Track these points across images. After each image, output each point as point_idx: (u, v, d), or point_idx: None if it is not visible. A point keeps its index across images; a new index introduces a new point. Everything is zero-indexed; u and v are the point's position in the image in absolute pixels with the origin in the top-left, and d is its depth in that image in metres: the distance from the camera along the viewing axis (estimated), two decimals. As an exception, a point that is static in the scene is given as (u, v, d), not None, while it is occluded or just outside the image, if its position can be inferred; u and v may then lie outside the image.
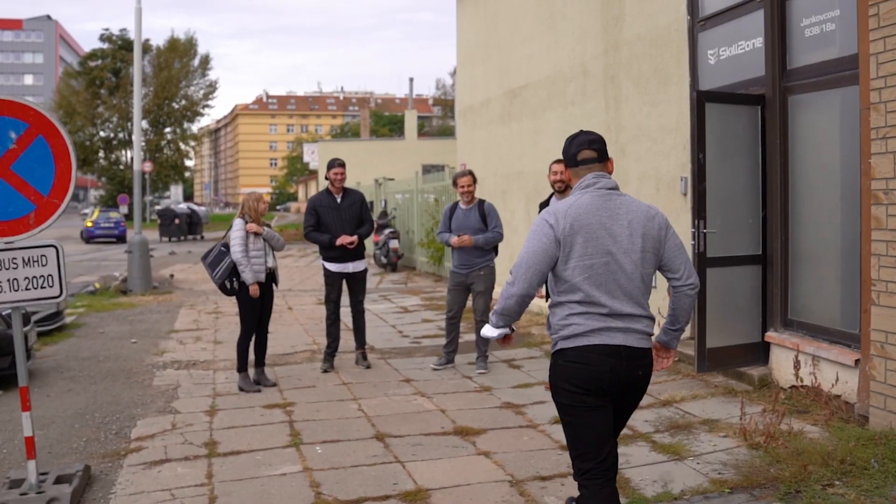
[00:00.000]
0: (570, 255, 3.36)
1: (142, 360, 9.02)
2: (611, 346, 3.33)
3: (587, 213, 3.38)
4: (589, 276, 3.35)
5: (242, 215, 7.58)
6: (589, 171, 3.53)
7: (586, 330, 3.34)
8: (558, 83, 10.97)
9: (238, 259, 7.33)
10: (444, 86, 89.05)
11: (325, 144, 43.94)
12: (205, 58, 60.96)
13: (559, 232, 3.36)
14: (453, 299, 8.08)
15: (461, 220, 7.92)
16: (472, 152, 14.71)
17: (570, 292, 3.38)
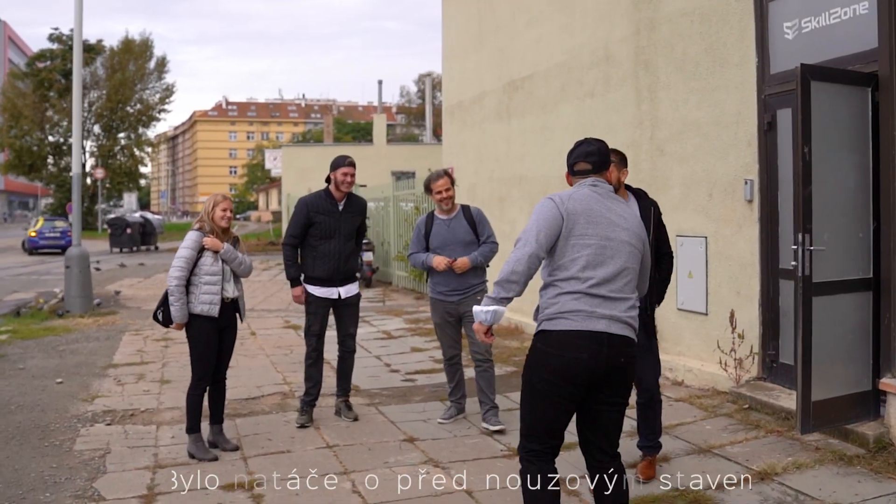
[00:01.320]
0: (572, 233, 3.46)
1: (65, 409, 7.17)
2: (593, 333, 3.37)
3: (589, 201, 3.54)
4: (586, 255, 3.44)
5: (200, 225, 5.83)
6: (586, 178, 3.70)
7: (570, 310, 3.39)
8: (574, 71, 9.35)
9: (172, 287, 5.62)
10: (409, 93, 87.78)
11: (289, 150, 42.02)
12: (161, 60, 58.53)
13: (563, 209, 3.48)
14: (448, 337, 6.38)
15: (444, 235, 6.21)
16: (462, 154, 13.04)
17: (564, 269, 3.45)
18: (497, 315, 3.52)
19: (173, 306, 5.61)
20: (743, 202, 6.63)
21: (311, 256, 6.53)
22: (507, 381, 7.70)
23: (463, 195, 12.96)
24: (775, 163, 6.32)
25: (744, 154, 6.61)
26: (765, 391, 6.23)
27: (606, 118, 8.66)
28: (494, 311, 3.50)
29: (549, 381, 3.40)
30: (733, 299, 6.76)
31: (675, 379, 7.32)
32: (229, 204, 5.92)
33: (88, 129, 56.25)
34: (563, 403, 3.44)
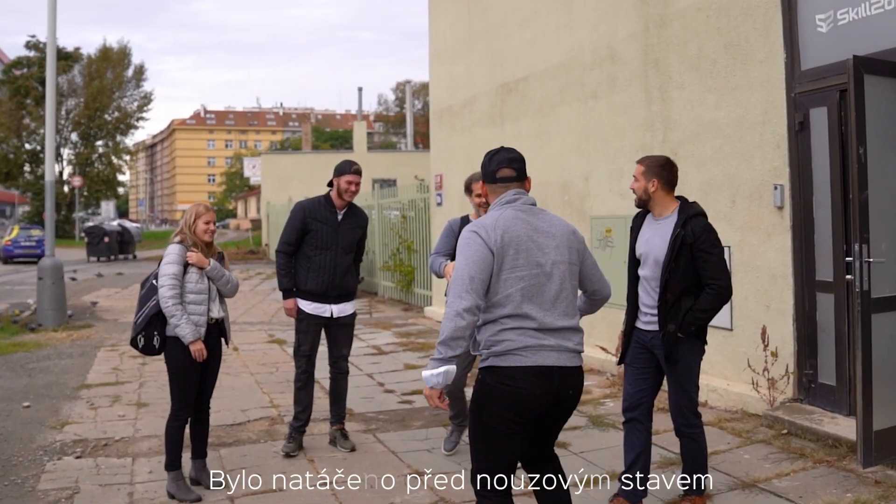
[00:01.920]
0: (502, 267, 3.31)
1: (31, 438, 6.55)
2: (543, 368, 3.28)
3: (514, 226, 3.35)
4: (521, 287, 3.32)
5: (181, 238, 5.26)
6: (507, 189, 3.53)
7: (519, 346, 3.28)
8: (574, 72, 8.86)
9: (168, 308, 5.01)
10: (387, 101, 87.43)
11: (268, 157, 41.40)
12: (139, 68, 57.88)
13: (491, 243, 3.30)
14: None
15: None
16: (451, 160, 12.52)
17: (500, 306, 3.32)
18: (448, 376, 3.27)
19: (180, 326, 4.99)
20: (772, 208, 6.15)
21: (304, 268, 5.98)
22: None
23: (453, 203, 12.45)
24: (808, 166, 5.84)
25: (772, 157, 6.14)
26: (804, 415, 5.73)
27: (612, 120, 8.17)
28: (445, 371, 3.25)
29: (501, 415, 3.30)
30: (762, 314, 6.27)
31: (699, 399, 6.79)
32: (212, 216, 5.33)
33: (66, 136, 55.44)
34: (517, 436, 3.35)
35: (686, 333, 4.40)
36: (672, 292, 4.38)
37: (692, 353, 4.45)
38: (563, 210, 9.20)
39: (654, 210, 4.63)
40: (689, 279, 4.37)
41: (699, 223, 4.39)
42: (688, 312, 4.38)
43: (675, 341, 4.40)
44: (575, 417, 6.68)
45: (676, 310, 4.39)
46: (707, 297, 4.37)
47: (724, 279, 4.38)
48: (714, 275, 4.35)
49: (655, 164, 4.60)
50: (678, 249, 4.36)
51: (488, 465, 3.37)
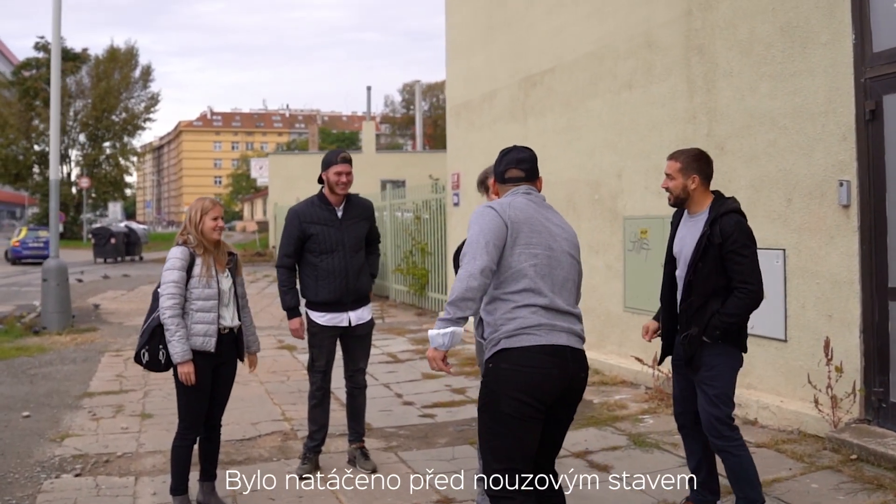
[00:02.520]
0: (517, 242, 3.29)
1: (29, 452, 6.06)
2: (557, 347, 3.22)
3: (527, 209, 3.39)
4: (534, 264, 3.28)
5: (184, 239, 4.74)
6: (517, 186, 3.53)
7: (532, 324, 3.21)
8: (606, 62, 8.33)
9: (165, 320, 4.51)
10: (393, 103, 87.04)
11: (275, 158, 40.94)
12: (146, 69, 57.39)
13: (506, 217, 3.30)
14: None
15: None
16: (469, 158, 12.00)
17: (514, 281, 3.26)
18: (455, 337, 3.21)
19: (171, 342, 4.49)
20: (836, 208, 5.61)
21: (311, 277, 5.40)
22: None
23: (471, 203, 11.92)
24: (880, 159, 5.30)
25: (836, 150, 5.60)
26: (875, 438, 5.18)
27: (649, 113, 7.64)
28: (452, 332, 3.19)
29: (519, 400, 3.18)
30: (823, 324, 5.72)
31: (746, 417, 6.26)
32: (220, 211, 4.78)
33: (74, 138, 55.15)
34: (534, 424, 3.24)
35: (711, 337, 4.07)
36: (698, 294, 4.10)
37: (722, 358, 4.12)
38: (593, 209, 8.68)
39: (689, 207, 4.29)
40: (718, 281, 4.07)
41: (729, 221, 4.05)
42: (713, 316, 4.05)
43: (699, 345, 4.09)
44: (613, 436, 6.15)
45: (702, 313, 4.07)
46: (735, 300, 4.03)
47: (756, 282, 4.04)
48: (744, 277, 4.01)
49: (692, 158, 4.23)
50: (704, 249, 4.06)
51: (508, 462, 3.22)
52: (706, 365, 4.11)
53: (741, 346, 4.18)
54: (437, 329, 3.21)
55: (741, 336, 4.17)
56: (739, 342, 4.17)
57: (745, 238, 4.04)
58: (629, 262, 8.08)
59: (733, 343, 4.13)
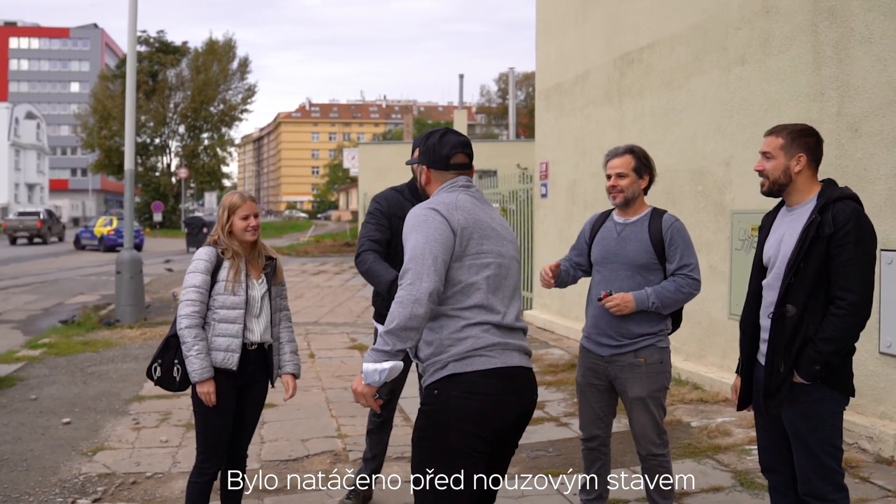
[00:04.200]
0: (466, 252, 2.87)
1: (55, 467, 5.50)
2: (512, 369, 2.86)
3: (475, 211, 2.95)
4: (487, 276, 2.89)
5: (215, 239, 3.99)
6: (458, 177, 3.07)
7: (484, 345, 2.81)
8: (714, 34, 7.26)
9: (181, 331, 3.80)
10: (489, 93, 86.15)
11: (365, 148, 40.66)
12: (243, 61, 58.32)
13: (454, 223, 2.85)
14: (588, 408, 4.09)
15: (610, 245, 3.99)
16: (559, 147, 11.03)
17: (464, 296, 2.85)
18: (393, 373, 2.74)
19: (189, 358, 3.78)
20: None
21: None
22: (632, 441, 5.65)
23: (560, 195, 10.97)
24: None
25: None
26: None
27: (764, 91, 6.55)
28: (391, 368, 2.73)
29: (473, 433, 2.79)
30: None
31: (880, 454, 5.16)
32: (252, 207, 3.99)
33: (173, 129, 56.55)
34: (484, 460, 2.85)
35: (810, 377, 3.07)
36: (795, 302, 3.12)
37: (821, 406, 3.16)
38: (696, 203, 7.62)
39: (790, 197, 3.29)
40: (823, 289, 3.11)
41: (845, 209, 3.10)
42: (807, 345, 3.05)
43: (790, 387, 3.14)
44: (715, 472, 5.14)
45: (792, 335, 3.11)
46: (833, 321, 3.06)
47: (859, 292, 3.06)
48: (846, 284, 3.05)
49: (799, 133, 3.26)
50: (810, 243, 3.10)
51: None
52: (802, 413, 3.14)
53: (847, 388, 3.19)
54: (373, 363, 2.73)
55: (846, 373, 3.16)
56: (844, 383, 3.17)
57: (863, 232, 3.06)
58: (737, 262, 7.02)
59: (837, 384, 3.13)
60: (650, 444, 3.88)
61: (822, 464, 3.12)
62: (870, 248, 3.08)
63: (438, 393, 2.82)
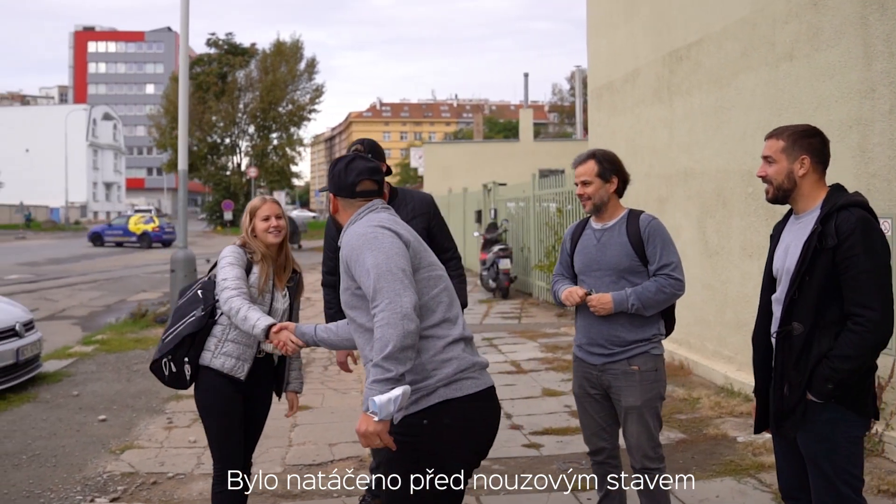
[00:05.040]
0: (420, 265, 2.75)
1: (82, 465, 5.57)
2: (491, 389, 2.77)
3: (405, 227, 2.84)
4: (441, 288, 2.77)
5: (243, 242, 3.92)
6: (366, 203, 2.93)
7: (468, 365, 2.67)
8: (761, 28, 6.95)
9: (234, 308, 3.60)
10: (561, 91, 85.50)
11: (430, 147, 40.70)
12: (311, 61, 58.82)
13: (403, 237, 2.75)
14: (589, 419, 3.91)
15: (591, 253, 3.85)
16: (611, 146, 10.65)
17: (429, 312, 2.68)
18: (405, 398, 2.50)
19: (247, 317, 3.54)
20: None
21: None
22: (673, 456, 5.42)
23: (612, 195, 10.70)
24: None
25: None
26: None
27: (813, 88, 6.23)
28: (403, 393, 2.49)
29: (467, 461, 2.68)
30: None
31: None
32: (273, 208, 3.92)
33: (243, 129, 57.51)
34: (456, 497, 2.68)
35: (821, 395, 2.84)
36: (801, 319, 2.91)
37: (837, 427, 2.91)
38: (747, 205, 7.30)
39: (796, 204, 3.07)
40: (831, 304, 2.89)
41: (850, 217, 2.87)
42: (821, 362, 2.82)
43: (798, 402, 2.92)
44: (755, 492, 4.87)
45: (805, 353, 2.89)
46: (850, 337, 2.81)
47: (879, 307, 2.81)
48: (863, 300, 2.81)
49: (801, 134, 3.04)
50: (813, 255, 2.89)
51: None
52: (816, 435, 2.91)
53: (865, 409, 2.93)
54: (382, 394, 2.48)
55: (864, 392, 2.92)
56: (862, 404, 2.92)
57: (871, 241, 2.83)
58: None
59: (853, 405, 2.90)
60: (644, 458, 3.71)
61: (839, 492, 2.89)
62: (882, 259, 2.85)
63: (429, 423, 2.63)
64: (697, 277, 8.05)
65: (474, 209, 20.64)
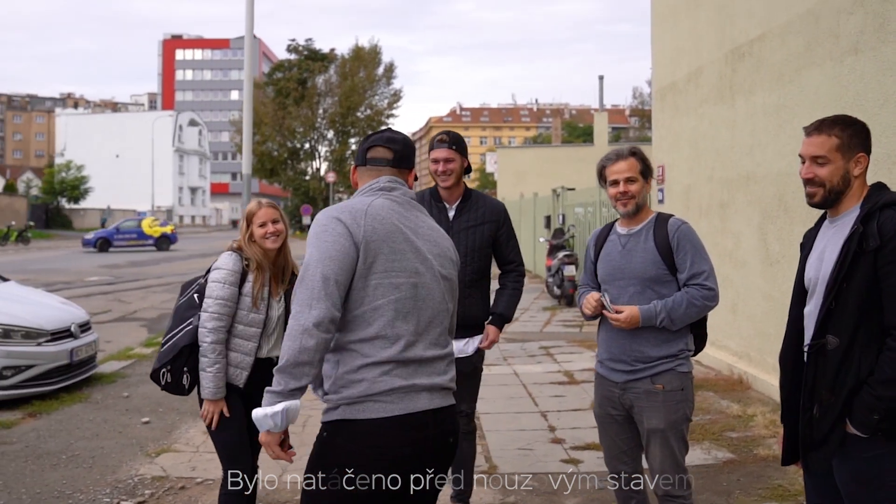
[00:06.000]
0: (372, 269, 2.48)
1: (116, 467, 5.60)
2: (415, 416, 2.47)
3: (389, 218, 2.56)
4: (395, 299, 2.48)
5: (238, 245, 3.88)
6: (379, 175, 2.69)
7: (383, 390, 2.43)
8: (825, 21, 6.55)
9: (206, 346, 3.70)
10: (642, 94, 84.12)
11: (504, 151, 40.47)
12: (389, 66, 59.29)
13: (358, 235, 2.48)
14: (610, 440, 3.65)
15: (615, 260, 3.57)
16: (675, 149, 10.40)
17: (365, 324, 2.47)
18: (290, 415, 2.44)
19: (206, 373, 3.69)
20: None
21: None
22: (717, 477, 5.11)
23: (676, 200, 10.32)
24: None
25: None
26: None
27: (880, 83, 5.82)
28: (285, 410, 2.42)
29: (362, 480, 2.42)
30: None
31: None
32: (271, 213, 3.85)
33: (322, 134, 58.31)
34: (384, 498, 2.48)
35: (867, 428, 2.47)
36: (837, 332, 2.57)
37: (886, 464, 2.53)
38: (809, 211, 6.81)
39: (836, 207, 2.73)
40: (875, 315, 2.54)
41: (894, 217, 2.55)
42: (861, 387, 2.48)
43: (839, 437, 2.57)
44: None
45: (841, 373, 2.54)
46: (889, 356, 2.48)
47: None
48: None
49: (859, 130, 2.70)
50: (853, 259, 2.56)
51: None
52: (858, 474, 2.55)
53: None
54: (266, 407, 2.43)
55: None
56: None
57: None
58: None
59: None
60: (667, 484, 3.42)
61: None
62: None
63: (326, 438, 2.52)
64: (758, 287, 7.65)
65: (544, 214, 20.36)
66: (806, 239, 2.90)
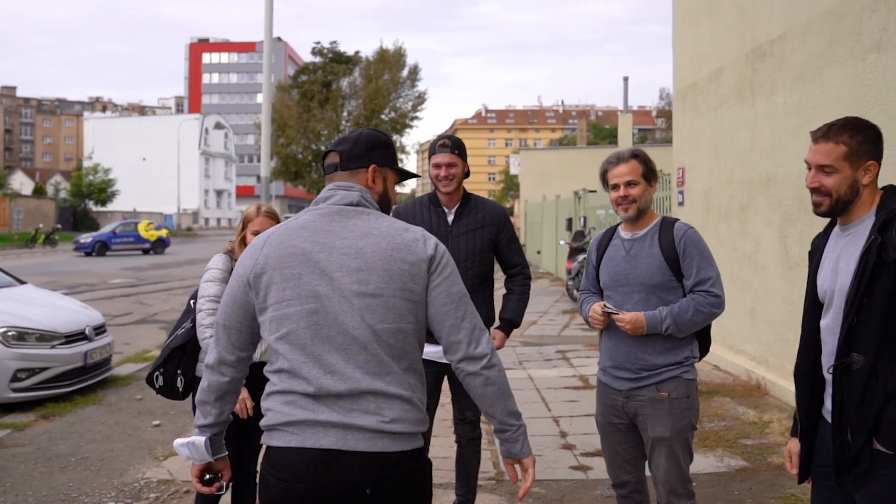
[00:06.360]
0: (267, 303, 2.31)
1: (123, 470, 5.58)
2: (316, 452, 2.20)
3: (292, 241, 2.31)
4: (287, 332, 2.27)
5: (231, 247, 3.91)
6: (332, 181, 2.45)
7: (283, 421, 2.26)
8: (847, 19, 6.40)
9: (205, 340, 3.61)
10: (668, 95, 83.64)
11: (528, 153, 40.36)
12: (413, 68, 59.27)
13: (250, 272, 2.33)
14: (612, 450, 3.56)
15: (619, 266, 3.46)
16: (695, 150, 10.25)
17: (274, 357, 2.33)
18: (195, 451, 2.43)
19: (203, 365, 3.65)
20: None
21: None
22: (728, 486, 4.99)
23: (696, 203, 10.17)
24: None
25: None
26: None
27: (902, 82, 5.67)
28: (190, 444, 2.44)
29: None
30: None
31: None
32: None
33: (347, 137, 58.50)
34: None
35: (891, 444, 2.34)
36: (862, 350, 2.41)
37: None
38: (828, 211, 6.74)
39: (847, 215, 2.57)
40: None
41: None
42: (889, 404, 2.34)
43: (869, 457, 2.40)
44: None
45: (868, 392, 2.39)
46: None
47: None
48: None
49: (870, 137, 2.54)
50: (873, 272, 2.40)
51: None
52: (881, 494, 2.40)
53: None
54: (184, 438, 2.51)
55: None
56: None
57: None
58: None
59: None
60: (671, 495, 3.32)
61: None
62: None
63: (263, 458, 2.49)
64: (778, 291, 7.50)
65: (566, 216, 20.24)
66: (815, 246, 2.75)
